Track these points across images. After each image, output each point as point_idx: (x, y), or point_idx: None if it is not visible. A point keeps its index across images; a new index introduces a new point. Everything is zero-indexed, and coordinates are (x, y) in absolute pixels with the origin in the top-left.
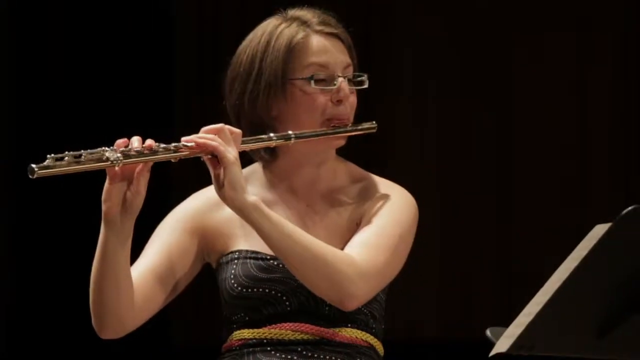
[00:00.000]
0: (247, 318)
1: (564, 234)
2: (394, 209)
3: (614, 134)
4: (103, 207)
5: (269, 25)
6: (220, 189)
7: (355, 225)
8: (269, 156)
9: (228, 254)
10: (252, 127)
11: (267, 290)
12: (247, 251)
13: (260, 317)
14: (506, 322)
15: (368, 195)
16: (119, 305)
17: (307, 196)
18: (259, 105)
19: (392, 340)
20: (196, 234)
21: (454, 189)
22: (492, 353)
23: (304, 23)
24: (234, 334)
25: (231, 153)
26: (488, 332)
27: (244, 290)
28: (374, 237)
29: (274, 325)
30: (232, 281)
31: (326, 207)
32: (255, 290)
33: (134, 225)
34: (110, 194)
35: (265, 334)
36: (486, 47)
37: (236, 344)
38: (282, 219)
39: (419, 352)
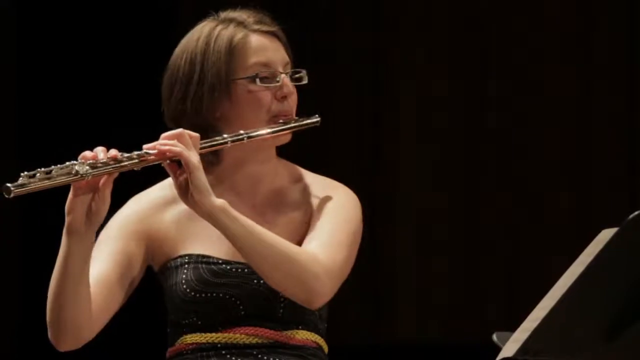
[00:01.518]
0: (199, 322)
1: (572, 237)
2: (342, 207)
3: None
4: (67, 219)
5: (204, 28)
6: (185, 195)
7: (305, 226)
8: (214, 158)
9: (177, 258)
10: (194, 130)
11: (220, 295)
12: (198, 255)
13: (213, 322)
14: (513, 327)
15: (312, 194)
16: (79, 316)
17: (251, 197)
18: (204, 108)
19: (397, 343)
20: (142, 239)
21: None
22: (499, 358)
23: (241, 23)
24: (184, 337)
25: (194, 157)
26: (494, 337)
27: (197, 295)
28: (330, 235)
29: (228, 330)
30: (184, 286)
31: (272, 208)
32: (208, 295)
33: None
34: (74, 205)
35: (219, 339)
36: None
37: (187, 347)
38: (250, 221)
39: (424, 355)
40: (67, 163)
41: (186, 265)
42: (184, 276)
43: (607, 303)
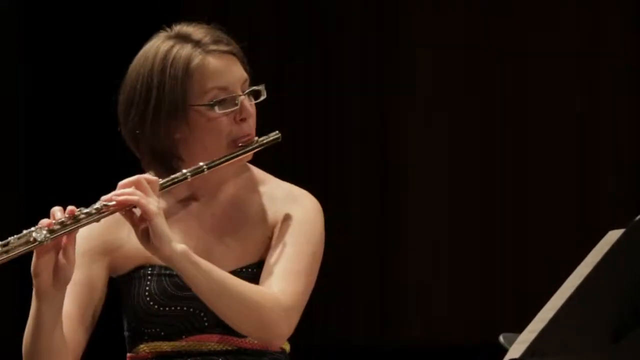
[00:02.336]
0: (162, 333)
1: (579, 238)
2: (304, 226)
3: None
4: (34, 282)
5: (160, 47)
6: (145, 242)
7: (267, 241)
8: (172, 173)
9: (140, 268)
10: (153, 152)
11: (184, 308)
12: (160, 267)
13: (176, 331)
14: (519, 328)
15: (273, 202)
16: (53, 358)
17: (210, 205)
18: (162, 132)
19: (403, 345)
20: (103, 257)
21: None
22: (506, 359)
23: (197, 44)
24: (146, 344)
25: (153, 204)
26: (501, 338)
27: (161, 308)
28: (290, 264)
29: (191, 338)
30: (148, 298)
31: (232, 216)
32: (172, 308)
33: None
34: (40, 268)
35: (184, 347)
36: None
37: (149, 355)
38: (211, 266)
39: (430, 357)
40: (24, 231)
41: (149, 277)
42: (147, 288)
43: (614, 304)
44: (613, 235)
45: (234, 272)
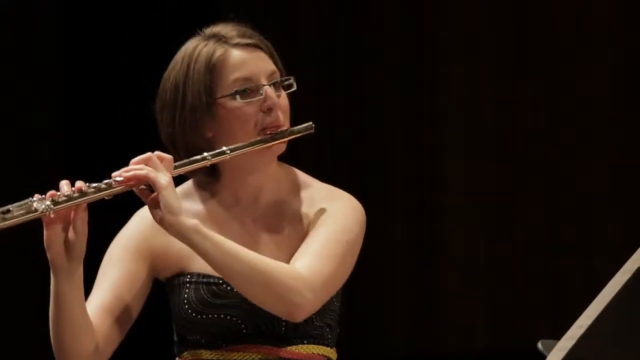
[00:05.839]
0: (203, 341)
1: (620, 243)
2: (339, 216)
3: None
4: (48, 255)
5: (188, 47)
6: (157, 216)
7: (304, 238)
8: (209, 177)
9: (179, 275)
10: (188, 152)
11: (221, 316)
12: (198, 274)
13: (217, 340)
14: (558, 335)
15: (314, 205)
16: (81, 347)
17: (252, 210)
18: (190, 130)
19: (442, 353)
20: (146, 257)
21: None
22: None
23: (221, 39)
24: (190, 351)
25: (162, 178)
26: (539, 345)
27: (198, 316)
28: (319, 246)
29: (232, 347)
30: (186, 306)
31: (273, 221)
32: (209, 316)
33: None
34: (50, 241)
35: (224, 356)
36: None
37: None
38: (223, 239)
39: None
40: (26, 200)
41: (187, 285)
42: (185, 296)
43: None
44: None
45: None
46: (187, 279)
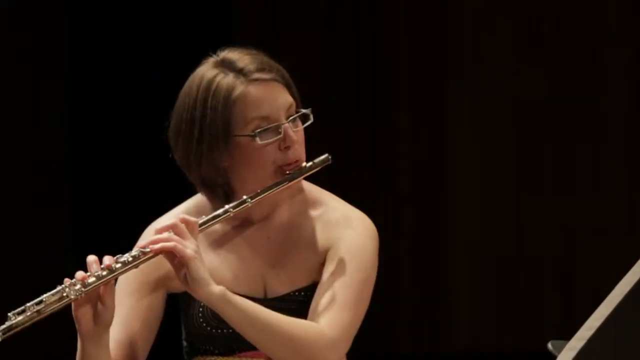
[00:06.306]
0: (216, 351)
1: (630, 244)
2: (356, 253)
3: None
4: (77, 326)
5: (205, 75)
6: (186, 284)
7: (321, 264)
8: (224, 198)
9: None
10: (202, 180)
11: (237, 331)
12: None
13: (229, 349)
14: (568, 335)
15: (328, 229)
16: None
17: (266, 229)
18: (205, 163)
19: (452, 352)
20: (160, 286)
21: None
22: None
23: (240, 72)
24: (201, 357)
25: (190, 248)
26: (550, 345)
27: (213, 330)
28: (339, 295)
29: (245, 353)
30: (201, 320)
31: (287, 239)
32: (224, 330)
33: None
34: (79, 316)
35: None
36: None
37: None
38: (250, 304)
39: None
40: (58, 287)
41: None
42: (200, 309)
43: None
44: None
45: (287, 296)
46: None
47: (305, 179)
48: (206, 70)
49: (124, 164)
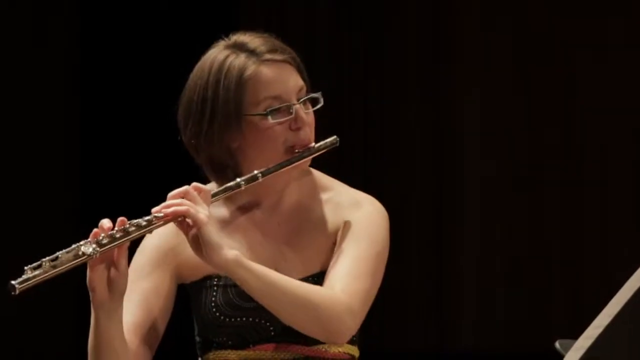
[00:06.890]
0: (229, 342)
1: (638, 243)
2: (367, 228)
3: None
4: (91, 295)
5: (217, 57)
6: (198, 250)
7: (331, 247)
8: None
9: (206, 279)
10: (211, 161)
11: (250, 319)
12: (226, 277)
13: (243, 341)
14: (576, 334)
15: (338, 211)
16: None
17: (275, 214)
18: (217, 143)
19: (459, 352)
20: (173, 270)
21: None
22: None
23: (251, 53)
24: (214, 352)
25: (202, 213)
26: (557, 344)
27: (227, 319)
28: (353, 265)
29: (259, 347)
30: (214, 309)
31: (295, 227)
32: (238, 319)
33: None
34: (94, 281)
35: (250, 356)
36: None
37: None
38: (264, 269)
39: None
40: (74, 245)
41: (215, 288)
42: (213, 299)
43: None
44: None
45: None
46: (215, 282)
47: (313, 164)
48: (218, 52)
49: (128, 158)
